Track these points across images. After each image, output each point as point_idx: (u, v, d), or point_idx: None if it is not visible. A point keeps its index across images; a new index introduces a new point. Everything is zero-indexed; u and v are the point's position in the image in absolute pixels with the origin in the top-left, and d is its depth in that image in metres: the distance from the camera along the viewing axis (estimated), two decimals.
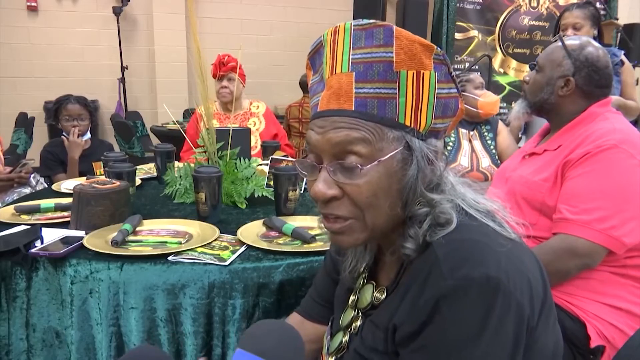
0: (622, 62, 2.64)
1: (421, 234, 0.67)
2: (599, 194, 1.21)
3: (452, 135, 2.48)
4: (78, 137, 2.48)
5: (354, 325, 0.79)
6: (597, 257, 1.21)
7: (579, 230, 1.20)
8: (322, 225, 0.72)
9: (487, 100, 2.48)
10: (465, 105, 2.47)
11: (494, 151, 2.48)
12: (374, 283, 0.79)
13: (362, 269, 0.83)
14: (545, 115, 1.48)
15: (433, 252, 0.65)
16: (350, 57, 0.66)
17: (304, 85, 4.50)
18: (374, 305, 0.76)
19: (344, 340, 0.80)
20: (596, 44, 1.42)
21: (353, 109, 0.65)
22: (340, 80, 0.67)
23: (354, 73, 0.66)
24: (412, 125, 0.67)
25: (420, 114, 0.67)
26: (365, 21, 0.67)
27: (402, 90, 0.66)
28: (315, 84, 0.73)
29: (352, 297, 0.82)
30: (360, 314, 0.79)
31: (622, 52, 2.69)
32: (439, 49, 0.68)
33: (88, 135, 2.60)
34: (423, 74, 0.66)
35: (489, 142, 2.51)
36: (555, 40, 1.48)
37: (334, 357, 0.81)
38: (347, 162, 0.66)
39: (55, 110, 2.56)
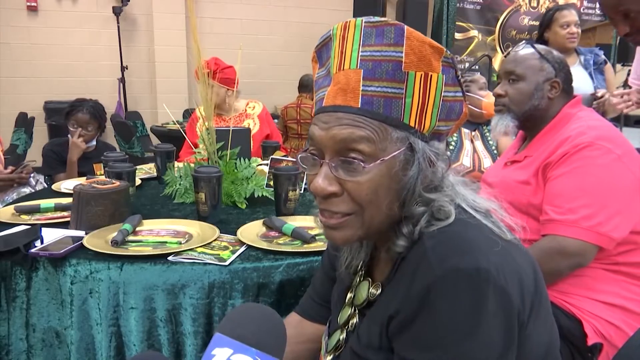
0: (605, 62, 2.75)
1: (417, 231, 0.67)
2: (582, 192, 1.22)
3: (455, 135, 2.48)
4: (80, 139, 2.48)
5: (351, 322, 0.79)
6: (588, 255, 1.22)
7: (567, 230, 1.21)
8: (319, 219, 0.72)
9: (491, 101, 2.48)
10: (469, 106, 2.48)
11: (495, 152, 2.49)
12: (370, 279, 0.79)
13: (358, 266, 0.83)
14: (531, 123, 1.45)
15: (422, 244, 0.66)
16: (360, 53, 0.66)
17: (303, 84, 4.47)
18: (370, 301, 0.76)
19: (341, 338, 0.80)
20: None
21: (359, 106, 0.65)
22: (347, 76, 0.66)
23: (362, 70, 0.66)
24: (416, 127, 0.67)
25: (425, 115, 0.67)
26: (377, 19, 0.67)
27: (409, 91, 0.66)
28: (321, 78, 0.73)
29: (349, 295, 0.82)
30: (357, 311, 0.79)
31: (602, 52, 2.79)
32: (448, 52, 0.68)
33: (93, 142, 2.60)
34: (431, 76, 0.66)
35: (491, 142, 2.51)
36: (508, 52, 1.51)
37: (331, 356, 0.81)
38: (349, 159, 0.65)
39: (66, 113, 2.56)
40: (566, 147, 1.28)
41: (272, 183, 1.64)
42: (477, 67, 4.53)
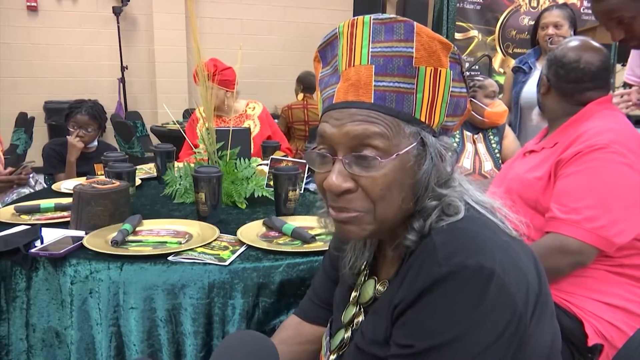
0: None
1: (427, 225, 0.67)
2: (589, 193, 1.22)
3: (457, 136, 2.47)
4: (78, 139, 2.48)
5: (355, 321, 0.79)
6: (589, 255, 1.22)
7: (569, 230, 1.21)
8: (329, 214, 0.71)
9: (494, 111, 2.45)
10: (472, 112, 2.46)
11: (497, 155, 2.48)
12: (376, 278, 0.79)
13: (362, 266, 0.83)
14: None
15: (431, 239, 0.66)
16: (370, 50, 0.66)
17: (307, 85, 4.33)
18: (376, 298, 0.76)
19: (345, 336, 0.80)
20: (594, 43, 1.42)
21: (372, 101, 0.66)
22: (359, 72, 0.67)
23: (373, 66, 0.66)
24: (427, 122, 0.68)
25: (434, 110, 0.68)
26: (385, 15, 0.68)
27: (420, 86, 0.66)
28: (326, 76, 0.73)
29: (353, 294, 0.82)
30: (362, 309, 0.79)
31: None
32: (455, 47, 0.69)
33: (95, 143, 2.60)
34: (440, 71, 0.67)
35: (494, 145, 2.50)
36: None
37: (335, 355, 0.81)
38: (365, 154, 0.65)
39: (66, 115, 2.56)
40: (580, 145, 1.27)
41: (272, 183, 1.64)
42: (477, 67, 4.53)
